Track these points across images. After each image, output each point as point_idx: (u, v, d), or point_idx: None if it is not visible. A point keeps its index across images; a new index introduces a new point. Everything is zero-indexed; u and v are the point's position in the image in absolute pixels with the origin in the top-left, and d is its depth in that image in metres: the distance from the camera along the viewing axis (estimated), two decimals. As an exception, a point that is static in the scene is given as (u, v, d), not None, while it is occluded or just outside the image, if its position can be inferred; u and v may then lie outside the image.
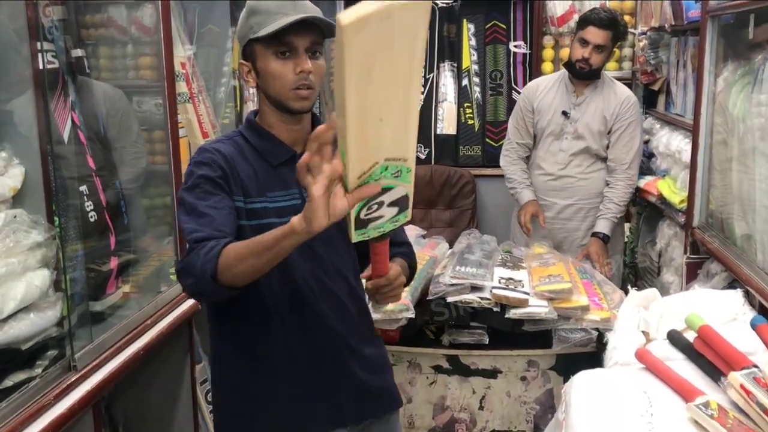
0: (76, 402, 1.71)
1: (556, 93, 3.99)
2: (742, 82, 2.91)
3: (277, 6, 1.81)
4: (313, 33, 1.83)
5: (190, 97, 2.64)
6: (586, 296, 3.00)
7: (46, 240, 1.69)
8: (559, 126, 3.93)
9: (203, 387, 2.84)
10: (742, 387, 1.89)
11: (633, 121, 3.90)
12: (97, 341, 1.90)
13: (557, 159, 3.96)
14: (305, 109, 1.88)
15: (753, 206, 2.72)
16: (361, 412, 1.99)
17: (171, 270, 2.48)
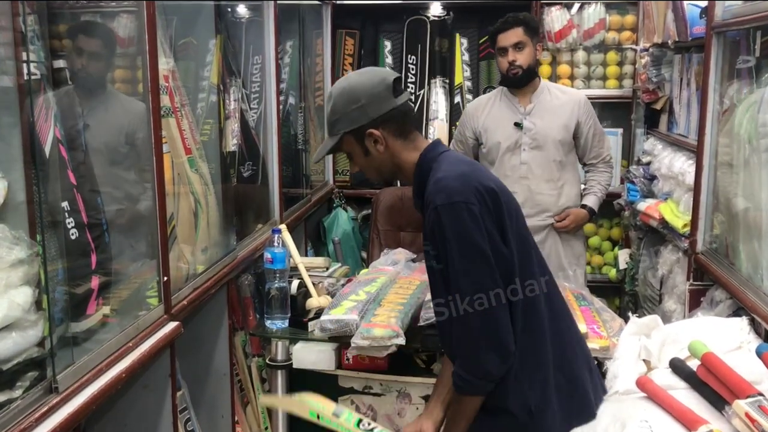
0: (57, 425, 1.76)
1: (500, 108, 4.12)
2: (748, 101, 3.01)
3: None
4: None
5: (173, 111, 2.71)
6: (585, 324, 3.07)
7: (28, 257, 1.75)
8: (513, 138, 4.04)
9: (182, 416, 2.91)
10: (747, 416, 1.96)
11: (593, 116, 4.11)
12: (78, 363, 1.96)
13: (520, 173, 4.05)
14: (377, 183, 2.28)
15: (759, 230, 2.81)
16: None
17: (149, 293, 2.55)
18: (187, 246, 2.88)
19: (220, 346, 3.21)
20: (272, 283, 3.27)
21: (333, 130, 2.33)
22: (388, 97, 2.28)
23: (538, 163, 4.03)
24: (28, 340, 1.76)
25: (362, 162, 2.36)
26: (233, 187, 3.46)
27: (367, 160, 2.34)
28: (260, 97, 3.97)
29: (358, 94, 2.27)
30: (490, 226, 2.16)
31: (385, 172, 2.37)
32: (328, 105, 2.33)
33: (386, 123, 2.28)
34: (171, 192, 2.68)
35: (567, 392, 2.30)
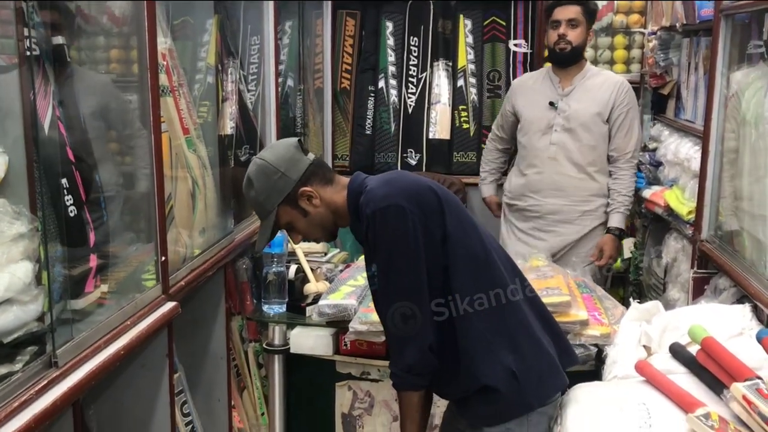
0: (58, 398, 1.84)
1: (541, 87, 4.23)
2: (755, 85, 3.07)
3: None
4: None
5: (171, 90, 2.78)
6: (586, 310, 3.14)
7: (29, 231, 1.83)
8: (546, 119, 4.15)
9: (179, 398, 2.99)
10: (744, 398, 2.05)
11: (631, 107, 4.14)
12: (77, 339, 2.04)
13: (549, 153, 4.15)
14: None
15: (764, 216, 2.88)
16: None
17: (145, 275, 2.62)
18: (185, 227, 2.96)
19: (216, 330, 3.28)
20: (270, 267, 3.35)
21: (266, 210, 2.46)
22: (301, 156, 2.45)
23: (568, 146, 4.13)
24: (28, 314, 1.84)
25: (304, 225, 2.49)
26: (231, 170, 3.53)
27: (308, 221, 2.48)
28: (258, 78, 4.01)
29: (274, 165, 2.42)
30: (424, 219, 2.30)
31: (329, 224, 2.51)
32: (251, 191, 2.46)
33: (310, 178, 2.44)
34: (169, 172, 2.75)
35: (537, 355, 2.42)
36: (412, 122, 5.41)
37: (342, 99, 5.56)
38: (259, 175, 2.43)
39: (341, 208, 2.47)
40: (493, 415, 2.38)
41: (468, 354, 2.36)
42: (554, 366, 2.44)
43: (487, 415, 2.40)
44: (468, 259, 2.36)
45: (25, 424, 1.72)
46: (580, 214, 4.18)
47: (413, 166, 5.36)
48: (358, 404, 3.32)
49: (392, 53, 5.47)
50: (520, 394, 2.34)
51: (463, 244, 2.36)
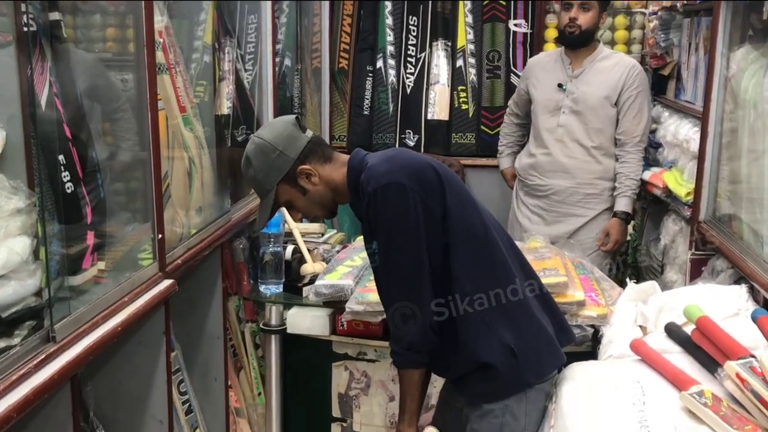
0: (56, 372, 1.89)
1: (552, 68, 4.28)
2: (755, 65, 3.09)
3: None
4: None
5: (168, 68, 2.81)
6: (583, 291, 3.18)
7: (26, 206, 1.86)
8: (554, 100, 4.20)
9: (176, 377, 3.03)
10: (738, 376, 2.09)
11: (642, 90, 4.16)
12: (75, 314, 2.08)
13: (556, 135, 4.20)
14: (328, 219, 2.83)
15: (761, 197, 2.92)
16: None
17: (142, 254, 2.66)
18: (181, 206, 2.99)
19: (213, 310, 3.32)
20: (266, 247, 3.38)
21: (265, 188, 2.50)
22: (299, 134, 2.48)
23: (575, 128, 4.18)
24: (26, 288, 1.88)
25: (303, 203, 2.53)
26: (228, 150, 3.55)
27: (307, 199, 2.51)
28: (255, 58, 4.03)
29: (272, 143, 2.45)
30: (424, 198, 2.33)
31: (328, 202, 2.54)
32: (249, 169, 2.49)
33: (309, 156, 2.47)
34: (165, 150, 2.78)
35: (535, 332, 2.47)
36: (410, 103, 5.44)
37: (340, 79, 5.58)
38: (257, 154, 2.46)
39: (341, 186, 2.50)
40: (491, 393, 2.43)
41: (467, 331, 2.40)
42: (552, 344, 2.48)
43: (486, 393, 2.44)
44: (468, 237, 2.40)
45: (24, 397, 1.77)
46: (584, 197, 4.21)
47: (411, 147, 5.38)
48: (355, 384, 3.36)
49: (391, 33, 5.49)
50: (518, 371, 2.39)
51: (463, 222, 2.39)
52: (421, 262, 2.35)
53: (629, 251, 4.91)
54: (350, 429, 3.40)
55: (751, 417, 2.04)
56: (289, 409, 3.44)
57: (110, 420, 2.63)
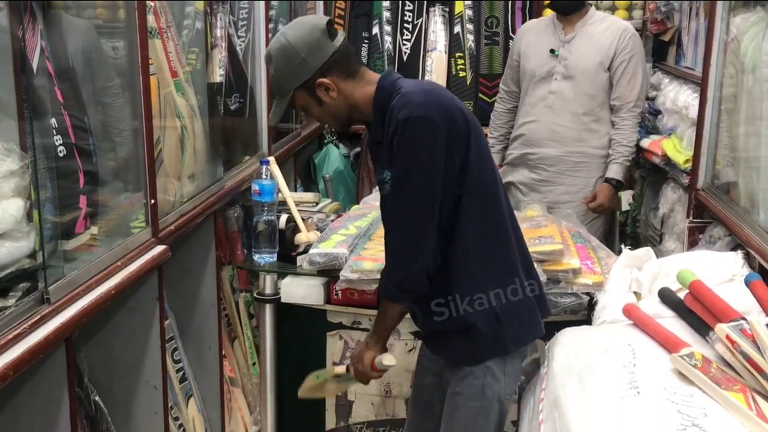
0: (50, 333, 1.97)
1: (544, 33, 4.30)
2: (755, 29, 3.14)
3: None
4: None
5: (159, 32, 2.87)
6: (578, 259, 3.24)
7: (20, 168, 1.94)
8: (547, 67, 4.23)
9: (169, 345, 3.11)
10: (728, 338, 2.17)
11: (635, 54, 4.17)
12: (69, 277, 2.17)
13: (546, 102, 4.23)
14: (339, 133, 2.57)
15: (758, 163, 2.98)
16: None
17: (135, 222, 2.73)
18: (174, 174, 3.06)
19: (207, 278, 3.39)
20: (260, 216, 3.43)
21: (282, 90, 2.48)
22: (326, 42, 2.43)
23: (567, 95, 4.20)
24: (20, 250, 1.96)
25: (318, 113, 2.52)
26: (220, 119, 3.61)
27: (322, 109, 2.49)
28: (248, 24, 4.06)
29: (296, 48, 2.41)
30: (449, 143, 2.34)
31: (342, 116, 2.53)
32: (270, 67, 2.48)
33: (332, 68, 2.44)
34: (157, 116, 2.84)
35: (520, 298, 2.51)
36: (407, 70, 5.45)
37: (336, 46, 5.59)
38: (280, 56, 2.44)
39: (361, 104, 2.49)
40: (472, 355, 2.49)
41: (458, 285, 2.45)
42: (534, 312, 2.54)
43: (467, 354, 2.50)
44: (479, 189, 2.42)
45: (19, 356, 1.85)
46: (574, 165, 4.25)
47: (408, 115, 5.42)
48: (350, 354, 3.42)
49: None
50: (499, 335, 2.45)
51: (477, 176, 2.41)
52: (432, 205, 2.36)
53: (629, 221, 4.98)
54: (345, 398, 3.46)
55: (740, 378, 2.13)
56: (284, 379, 3.50)
57: (104, 386, 2.72)
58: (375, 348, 2.60)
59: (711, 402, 2.02)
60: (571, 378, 2.28)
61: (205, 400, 3.45)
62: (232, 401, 3.69)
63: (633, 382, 2.14)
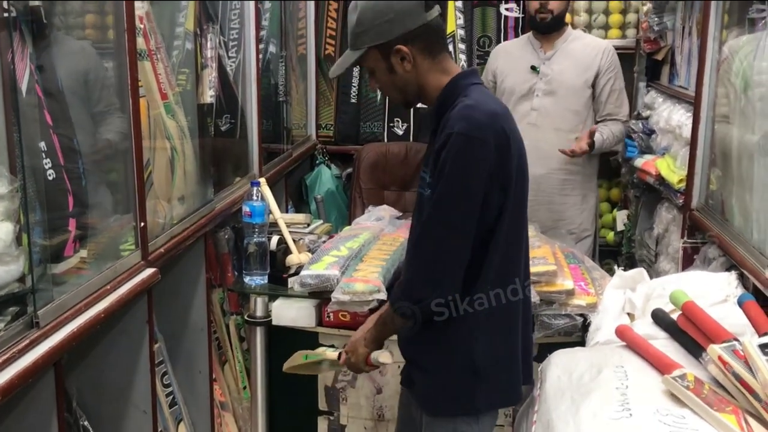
0: (39, 357, 2.00)
1: (521, 52, 4.35)
2: (746, 49, 3.19)
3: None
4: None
5: (148, 54, 2.91)
6: (572, 280, 3.28)
7: (9, 192, 1.97)
8: (527, 84, 4.27)
9: (159, 368, 3.13)
10: (720, 359, 2.20)
11: (618, 70, 4.28)
12: (58, 300, 2.20)
13: (529, 119, 4.24)
14: (404, 108, 2.57)
15: (751, 182, 3.01)
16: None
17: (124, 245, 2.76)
18: (164, 196, 3.09)
19: (197, 301, 3.41)
20: (251, 237, 3.47)
21: (357, 43, 2.37)
22: (420, 11, 2.33)
23: (550, 111, 4.24)
24: (10, 274, 1.98)
25: (385, 80, 2.41)
26: (210, 140, 3.64)
27: (390, 78, 2.39)
28: (239, 44, 4.10)
29: (388, 5, 2.31)
30: (494, 170, 2.27)
31: (409, 93, 2.43)
32: (353, 14, 2.35)
33: (415, 40, 2.33)
34: (147, 138, 2.87)
35: (507, 355, 2.47)
36: (399, 90, 5.48)
37: (326, 66, 5.64)
38: (367, 8, 2.34)
39: (430, 89, 2.41)
40: (437, 404, 2.47)
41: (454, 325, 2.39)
42: (515, 377, 2.50)
43: (432, 401, 2.48)
44: (508, 230, 2.38)
45: (8, 381, 1.87)
46: (560, 183, 4.29)
47: (400, 135, 5.47)
48: (342, 377, 3.44)
49: (378, 18, 5.53)
50: (471, 393, 2.41)
51: (511, 217, 2.37)
52: (468, 228, 2.28)
53: (623, 241, 5.01)
54: (337, 422, 3.48)
55: (732, 399, 2.15)
56: (275, 403, 3.53)
57: (93, 410, 2.73)
58: (371, 345, 2.56)
59: (703, 423, 2.05)
60: (564, 400, 2.30)
61: (196, 425, 3.47)
62: (223, 426, 3.70)
63: (625, 403, 2.17)
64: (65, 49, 2.56)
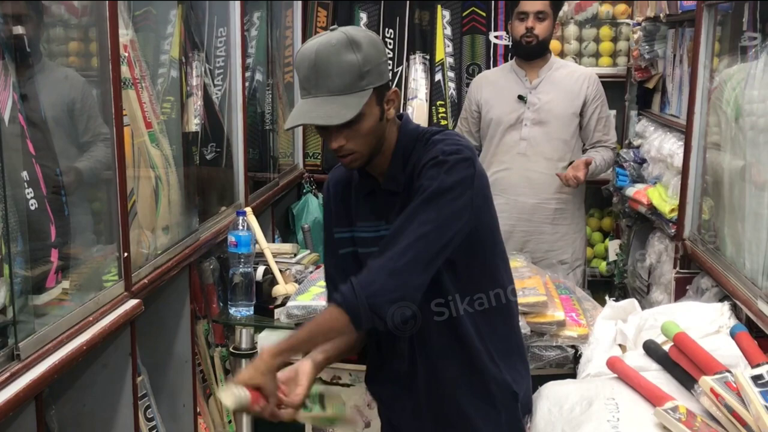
0: (20, 390, 2.00)
1: (506, 82, 4.35)
2: (737, 77, 3.22)
3: (303, 78, 2.18)
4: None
5: (133, 82, 2.93)
6: (563, 311, 3.29)
7: (-10, 222, 1.98)
8: (515, 114, 4.27)
9: (142, 402, 3.13)
10: (713, 391, 2.21)
11: (603, 98, 4.29)
12: (40, 332, 2.20)
13: (519, 149, 4.26)
14: (356, 168, 2.28)
15: (743, 212, 3.04)
16: None
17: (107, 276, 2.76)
18: (148, 226, 3.10)
19: (181, 333, 3.41)
20: (236, 268, 3.47)
21: (364, 82, 2.13)
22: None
23: (539, 140, 4.24)
24: (-10, 306, 2.00)
25: (370, 128, 2.18)
26: (195, 169, 3.65)
27: (376, 127, 2.19)
28: (225, 72, 4.12)
29: (382, 47, 2.21)
30: (482, 193, 2.26)
31: (378, 146, 2.24)
32: (357, 52, 2.11)
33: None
34: (131, 167, 2.88)
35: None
36: (387, 119, 5.51)
37: (313, 94, 5.64)
38: (370, 45, 2.14)
39: (387, 144, 2.27)
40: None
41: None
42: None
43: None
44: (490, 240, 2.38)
45: (-13, 415, 1.88)
46: (551, 213, 4.30)
47: (389, 164, 5.48)
48: (329, 410, 3.44)
49: (366, 46, 5.56)
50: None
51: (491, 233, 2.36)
52: (455, 235, 2.18)
53: (616, 272, 5.03)
54: (324, 463, 3.48)
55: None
56: (261, 437, 3.52)
57: (75, 446, 2.74)
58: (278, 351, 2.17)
59: (695, 456, 2.06)
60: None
61: (180, 460, 3.46)
62: (208, 460, 3.70)
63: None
64: (51, 77, 2.57)
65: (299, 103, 2.17)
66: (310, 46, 2.15)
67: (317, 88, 2.12)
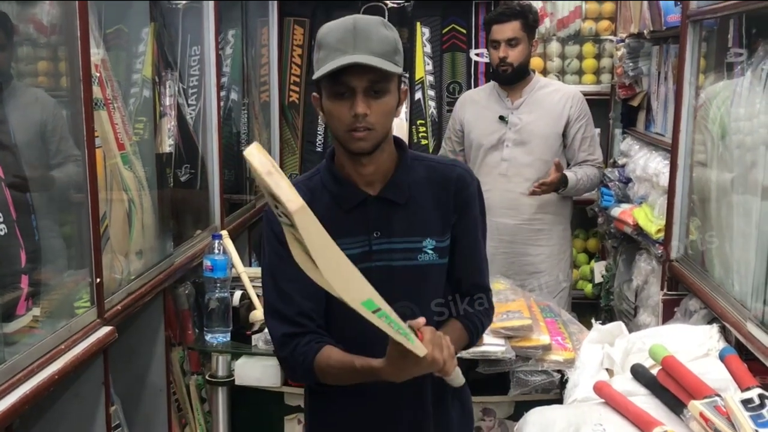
0: (-11, 424, 2.01)
1: (488, 102, 4.40)
2: (723, 95, 3.24)
3: (337, 41, 2.10)
4: (373, 72, 2.08)
5: (105, 103, 2.92)
6: (548, 335, 3.31)
7: (-41, 250, 1.98)
8: (496, 134, 4.31)
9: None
10: (702, 415, 2.23)
11: (588, 117, 4.33)
12: (10, 362, 2.19)
13: (500, 170, 4.30)
14: (364, 150, 2.17)
15: (731, 233, 3.06)
16: None
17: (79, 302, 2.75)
18: (121, 250, 3.08)
19: (155, 361, 3.39)
20: (212, 293, 3.46)
21: (395, 58, 2.15)
22: None
23: (521, 161, 4.28)
24: (-41, 334, 1.99)
25: (391, 109, 2.18)
26: (170, 191, 3.64)
27: (393, 113, 2.19)
28: (199, 92, 4.12)
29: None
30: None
31: (386, 136, 2.21)
32: (392, 31, 2.16)
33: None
34: (103, 189, 2.87)
35: None
36: (366, 139, 5.51)
37: (290, 114, 5.68)
38: (395, 33, 2.18)
39: (388, 142, 2.26)
40: None
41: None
42: None
43: None
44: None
45: (-44, 449, 1.86)
46: (534, 233, 4.33)
47: (369, 185, 5.49)
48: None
49: (344, 64, 5.58)
50: None
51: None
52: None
53: (602, 294, 5.05)
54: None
55: (714, 457, 2.17)
56: (238, 468, 3.50)
57: (45, 479, 2.71)
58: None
59: (685, 483, 2.07)
60: (541, 460, 2.32)
61: (154, 492, 3.44)
62: (183, 493, 3.67)
63: (605, 463, 2.18)
64: (21, 99, 2.57)
65: (335, 59, 2.08)
66: (345, 18, 2.13)
67: (356, 48, 2.07)
